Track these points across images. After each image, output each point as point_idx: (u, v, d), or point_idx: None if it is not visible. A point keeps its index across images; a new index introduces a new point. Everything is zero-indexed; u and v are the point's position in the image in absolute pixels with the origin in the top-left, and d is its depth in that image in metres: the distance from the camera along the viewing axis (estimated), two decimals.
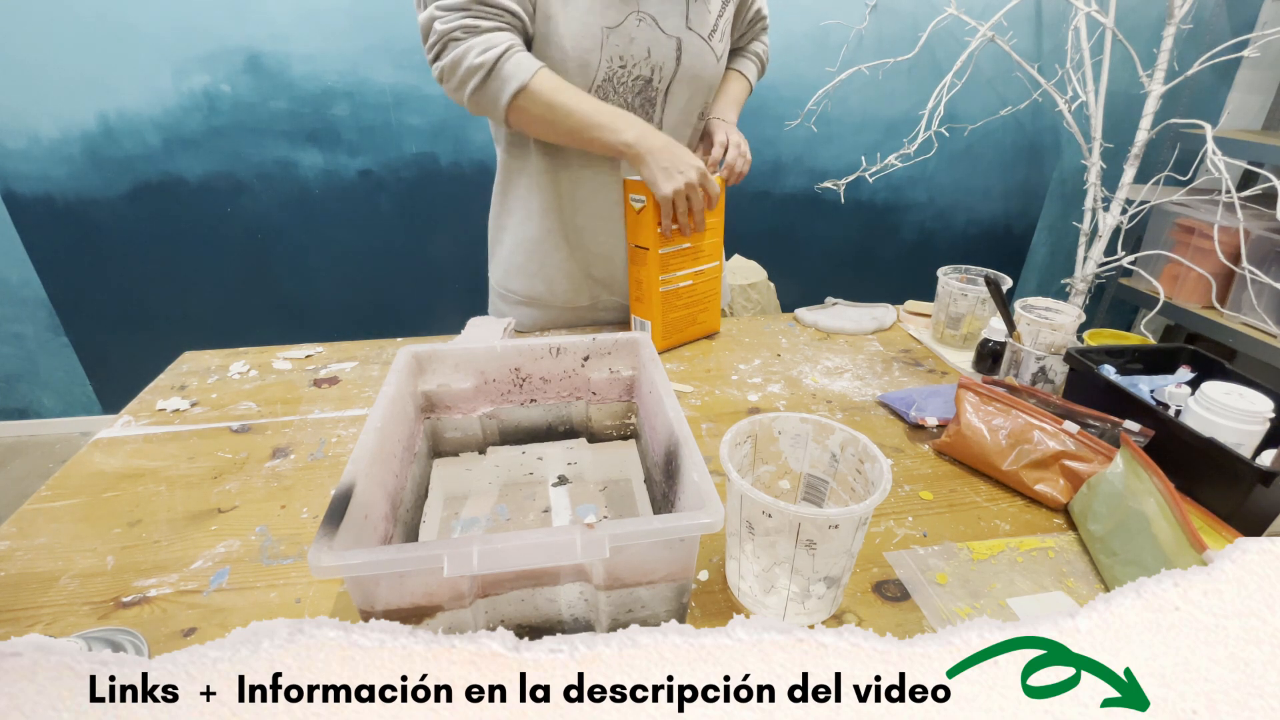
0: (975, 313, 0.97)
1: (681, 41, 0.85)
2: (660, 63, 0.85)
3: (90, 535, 0.60)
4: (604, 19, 0.80)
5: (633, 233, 0.89)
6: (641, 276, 0.91)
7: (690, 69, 0.88)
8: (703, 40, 0.87)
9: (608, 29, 0.80)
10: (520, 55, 0.77)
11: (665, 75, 0.87)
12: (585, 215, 0.95)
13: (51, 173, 1.77)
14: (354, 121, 1.81)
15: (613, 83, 0.85)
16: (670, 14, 0.83)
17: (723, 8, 0.89)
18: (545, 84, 0.78)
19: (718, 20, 0.88)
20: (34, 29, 1.62)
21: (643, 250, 0.89)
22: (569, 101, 0.79)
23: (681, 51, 0.86)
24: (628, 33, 0.81)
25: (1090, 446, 0.64)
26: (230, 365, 0.92)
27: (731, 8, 0.91)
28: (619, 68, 0.84)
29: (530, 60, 0.78)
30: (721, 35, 0.90)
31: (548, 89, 0.78)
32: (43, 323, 1.97)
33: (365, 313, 2.05)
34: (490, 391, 0.65)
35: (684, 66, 0.87)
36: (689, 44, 0.86)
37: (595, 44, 0.81)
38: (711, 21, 0.87)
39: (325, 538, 0.38)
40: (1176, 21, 1.67)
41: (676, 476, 0.49)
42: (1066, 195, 2.23)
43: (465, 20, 0.75)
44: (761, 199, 2.08)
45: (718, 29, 0.89)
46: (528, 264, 0.99)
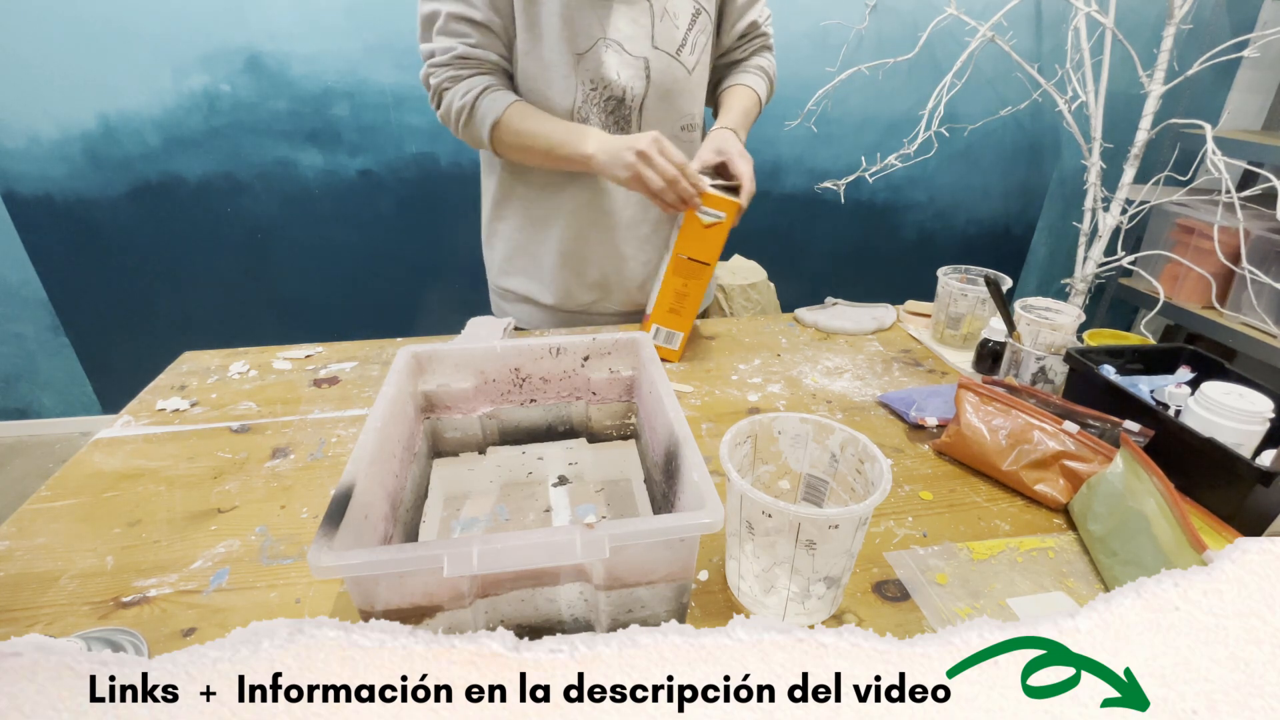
0: (975, 313, 0.97)
1: (649, 61, 0.88)
2: (629, 84, 0.88)
3: (90, 535, 0.60)
4: (574, 46, 0.85)
5: (692, 246, 0.86)
6: (689, 290, 0.89)
7: (660, 85, 0.90)
8: (670, 56, 0.89)
9: (577, 55, 0.85)
10: (495, 94, 0.85)
11: (636, 94, 0.90)
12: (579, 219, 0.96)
13: (51, 173, 1.77)
14: (354, 121, 1.81)
15: (589, 105, 0.89)
16: (636, 37, 0.86)
17: (692, 21, 0.89)
18: (515, 115, 0.85)
19: (686, 34, 0.89)
20: (34, 29, 1.62)
21: (701, 265, 0.87)
22: (535, 128, 0.86)
23: (650, 70, 0.88)
24: (596, 57, 0.86)
25: (1090, 446, 0.64)
26: (230, 365, 0.92)
27: (705, 19, 0.91)
28: (591, 90, 0.88)
29: (504, 96, 0.86)
30: (692, 48, 0.90)
31: (517, 118, 0.85)
32: (43, 323, 1.97)
33: (365, 313, 2.05)
34: (490, 391, 0.65)
35: (654, 84, 0.90)
36: (655, 62, 0.88)
37: (569, 70, 0.86)
38: (679, 37, 0.89)
39: (325, 538, 0.38)
40: (1176, 21, 1.67)
41: (676, 476, 0.49)
42: (1066, 195, 2.23)
43: (450, 73, 0.86)
44: (761, 199, 2.08)
45: (686, 42, 0.89)
46: (523, 264, 1.01)
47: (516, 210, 0.98)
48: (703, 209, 0.83)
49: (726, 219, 0.83)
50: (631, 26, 0.86)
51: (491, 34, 0.84)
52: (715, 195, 0.83)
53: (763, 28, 1.00)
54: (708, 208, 0.83)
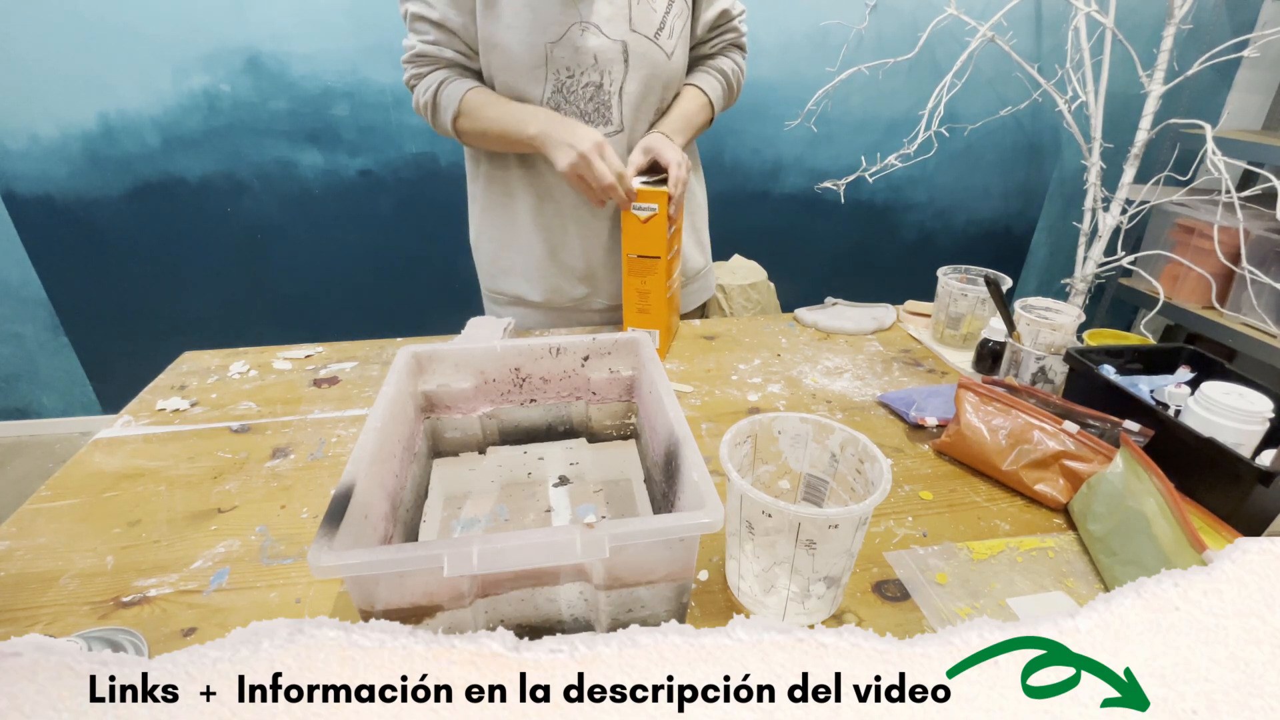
0: (975, 313, 0.97)
1: (627, 44, 0.87)
2: (607, 67, 0.87)
3: (90, 535, 0.60)
4: (545, 35, 0.84)
5: (637, 243, 0.87)
6: (649, 286, 0.90)
7: (640, 69, 0.89)
8: (649, 40, 0.88)
9: (550, 44, 0.85)
10: (452, 85, 0.87)
11: (615, 78, 0.89)
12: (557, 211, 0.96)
13: (51, 173, 1.77)
14: (354, 121, 1.81)
15: (563, 93, 0.88)
16: (614, 18, 0.85)
17: (669, 3, 0.88)
18: (471, 103, 0.87)
19: (664, 18, 0.88)
20: (34, 29, 1.62)
21: (651, 260, 0.87)
22: (490, 113, 0.87)
23: (629, 53, 0.87)
24: (571, 43, 0.85)
25: (1090, 446, 0.64)
26: (230, 365, 0.92)
27: (681, 3, 0.90)
28: (567, 78, 0.87)
29: (460, 86, 0.87)
30: (670, 32, 0.89)
31: (475, 106, 0.87)
32: (43, 323, 1.97)
33: (365, 313, 2.05)
34: (490, 391, 0.65)
35: (632, 68, 0.88)
36: (634, 45, 0.87)
37: (540, 59, 0.85)
38: (658, 20, 0.88)
39: (325, 538, 0.38)
40: (1176, 21, 1.67)
41: (676, 476, 0.49)
42: (1066, 195, 2.23)
43: (414, 69, 0.89)
44: (761, 199, 2.08)
45: (664, 26, 0.89)
46: (508, 263, 1.01)
47: (495, 210, 0.99)
48: (636, 205, 0.85)
49: (660, 210, 0.84)
50: (609, 8, 0.85)
51: (448, 32, 0.85)
52: (645, 189, 0.85)
53: (734, 20, 0.98)
54: (640, 204, 0.85)
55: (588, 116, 0.90)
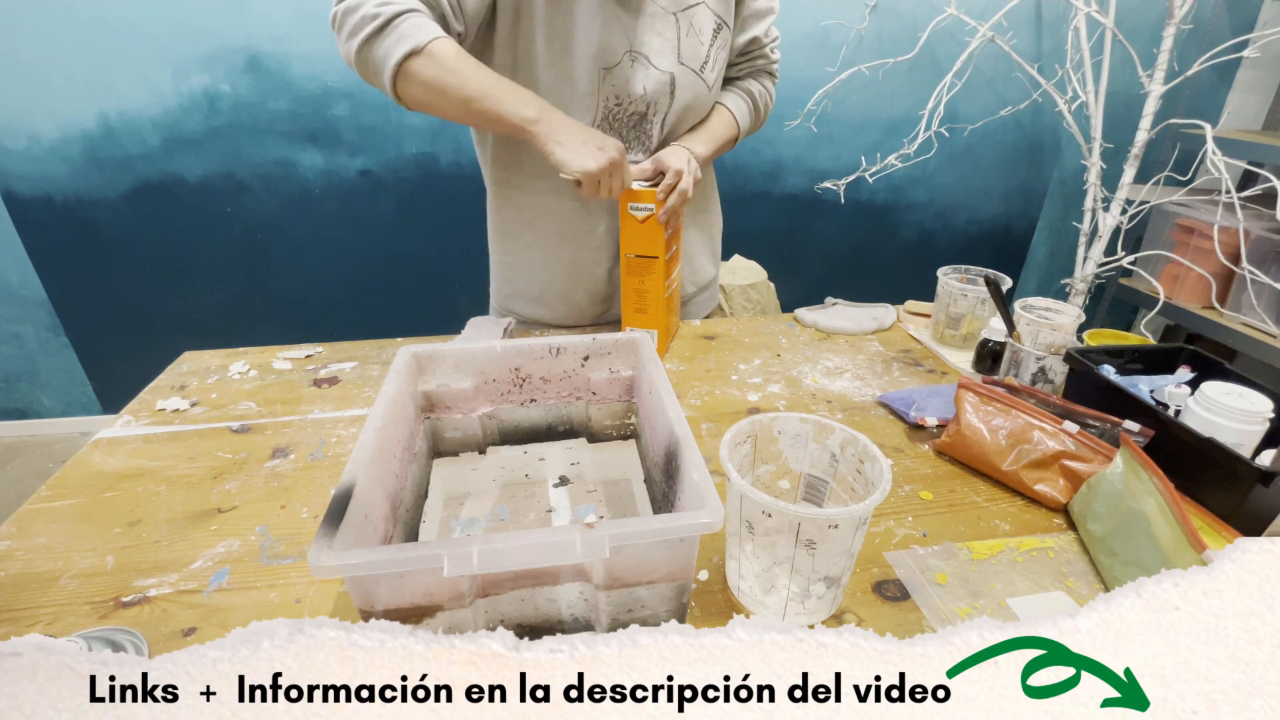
0: (975, 313, 0.97)
1: (675, 76, 0.86)
2: (655, 98, 0.87)
3: (90, 535, 0.60)
4: (601, 61, 0.82)
5: (634, 243, 0.87)
6: (647, 286, 0.90)
7: (683, 101, 0.89)
8: (695, 74, 0.88)
9: (604, 70, 0.83)
10: (422, 18, 0.72)
11: (660, 109, 0.88)
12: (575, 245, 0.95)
13: (51, 173, 1.77)
14: (354, 121, 1.81)
15: (609, 120, 0.87)
16: (663, 51, 0.85)
17: (713, 38, 0.88)
18: (445, 50, 0.72)
19: (709, 51, 0.88)
20: (34, 29, 1.61)
21: (649, 260, 0.88)
22: (466, 69, 0.73)
23: (675, 86, 0.87)
24: (623, 72, 0.84)
25: (1090, 446, 0.64)
26: (230, 365, 0.92)
27: (723, 37, 0.90)
28: (615, 105, 0.86)
29: (433, 26, 0.72)
30: (713, 65, 0.90)
31: (448, 54, 0.72)
32: (43, 323, 1.97)
33: (365, 313, 2.05)
34: (490, 391, 0.65)
35: (678, 100, 0.88)
36: (681, 78, 0.87)
37: (593, 86, 0.83)
38: (703, 54, 0.88)
39: (325, 538, 0.38)
40: (1176, 21, 1.67)
41: (676, 476, 0.49)
42: (1066, 195, 2.23)
43: None
44: (761, 199, 2.08)
45: (709, 59, 0.89)
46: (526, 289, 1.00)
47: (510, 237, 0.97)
48: (634, 205, 0.85)
49: (655, 209, 0.84)
50: (658, 40, 0.84)
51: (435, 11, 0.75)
52: (642, 190, 0.85)
53: (765, 47, 0.96)
54: (636, 203, 0.85)
55: (627, 142, 0.89)
